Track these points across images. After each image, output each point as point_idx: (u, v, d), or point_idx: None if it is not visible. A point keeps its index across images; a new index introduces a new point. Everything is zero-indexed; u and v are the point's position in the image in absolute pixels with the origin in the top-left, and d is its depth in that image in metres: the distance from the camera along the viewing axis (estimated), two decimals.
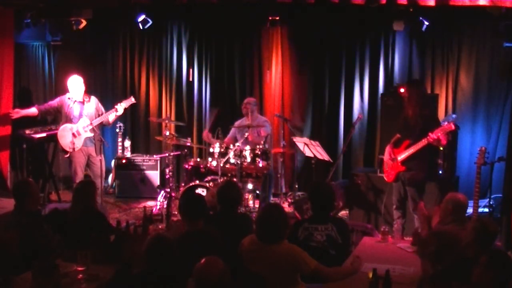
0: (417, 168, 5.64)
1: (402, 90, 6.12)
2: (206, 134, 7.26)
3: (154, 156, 8.06)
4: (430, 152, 5.74)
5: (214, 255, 3.05)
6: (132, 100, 7.09)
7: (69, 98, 6.86)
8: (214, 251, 3.33)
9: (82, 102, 6.85)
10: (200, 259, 2.98)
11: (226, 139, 7.14)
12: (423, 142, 5.48)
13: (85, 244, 3.83)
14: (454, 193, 4.60)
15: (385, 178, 5.96)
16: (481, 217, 5.07)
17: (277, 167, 7.38)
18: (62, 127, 6.81)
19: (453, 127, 5.41)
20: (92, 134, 6.82)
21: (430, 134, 5.41)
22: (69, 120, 6.79)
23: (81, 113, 6.80)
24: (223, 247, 3.70)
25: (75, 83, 6.86)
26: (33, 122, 7.80)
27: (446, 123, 5.50)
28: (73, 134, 6.73)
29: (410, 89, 5.77)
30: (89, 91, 8.47)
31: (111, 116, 6.89)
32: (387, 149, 5.89)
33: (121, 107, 6.87)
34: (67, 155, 6.83)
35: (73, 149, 6.72)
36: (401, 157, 5.67)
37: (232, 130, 7.37)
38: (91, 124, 6.74)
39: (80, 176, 6.82)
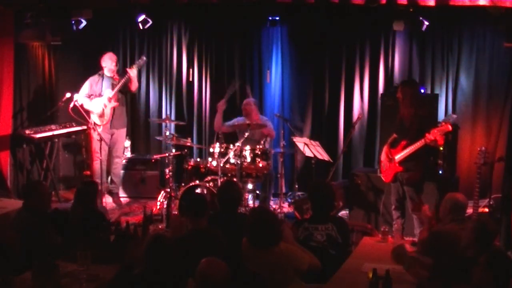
0: (414, 168, 5.64)
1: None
2: (222, 103, 7.30)
3: (154, 156, 8.06)
4: (427, 152, 5.74)
5: (217, 255, 3.06)
6: (143, 59, 7.49)
7: (99, 74, 7.30)
8: (217, 250, 3.34)
9: (112, 78, 7.30)
10: (203, 258, 2.99)
11: (224, 126, 7.20)
12: (421, 142, 5.47)
13: (85, 244, 3.83)
14: (453, 193, 4.61)
15: (383, 179, 5.96)
16: (480, 217, 5.07)
17: (277, 167, 7.38)
18: (92, 101, 7.22)
19: (450, 127, 5.40)
20: (116, 104, 7.25)
21: (427, 134, 5.41)
22: (98, 96, 7.23)
23: (107, 86, 7.24)
24: (226, 247, 3.71)
25: (110, 59, 7.33)
26: (33, 122, 7.83)
27: (443, 123, 5.49)
28: (104, 105, 7.16)
29: (403, 89, 5.77)
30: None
31: (133, 85, 7.37)
32: (384, 149, 5.90)
33: (134, 71, 7.24)
34: (96, 132, 7.13)
35: (103, 121, 7.17)
36: (398, 157, 5.67)
37: (233, 121, 7.32)
38: (115, 95, 7.21)
39: (100, 155, 7.03)
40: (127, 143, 8.30)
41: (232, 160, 6.66)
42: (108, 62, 7.33)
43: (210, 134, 8.21)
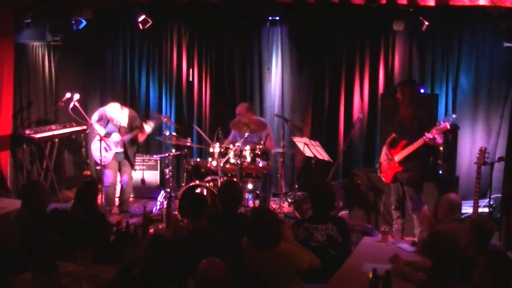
0: (414, 168, 5.64)
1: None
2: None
3: (154, 156, 8.05)
4: (427, 152, 5.74)
5: (217, 255, 3.06)
6: (162, 119, 7.08)
7: (107, 117, 6.98)
8: (217, 250, 3.34)
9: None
10: (204, 257, 2.99)
11: (226, 141, 7.11)
12: (420, 142, 5.48)
13: (85, 244, 3.84)
14: (448, 193, 4.62)
15: (383, 179, 5.96)
16: (477, 217, 5.08)
17: (277, 167, 7.38)
18: (95, 140, 6.94)
19: (448, 126, 5.40)
20: (122, 150, 6.98)
21: (426, 134, 5.42)
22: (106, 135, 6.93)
23: (114, 128, 6.96)
24: (226, 247, 3.71)
25: (116, 112, 6.95)
26: (33, 122, 7.83)
27: (442, 122, 5.49)
28: (105, 149, 6.80)
29: (403, 89, 5.77)
30: (89, 91, 8.53)
31: (142, 137, 7.07)
32: (384, 149, 5.90)
33: (148, 127, 6.97)
34: (99, 168, 6.93)
35: (104, 162, 6.82)
36: (398, 157, 5.67)
37: (232, 133, 7.32)
38: (121, 140, 6.92)
39: (112, 181, 6.96)
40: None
41: (232, 160, 6.66)
42: (118, 113, 6.96)
43: (210, 134, 8.20)
